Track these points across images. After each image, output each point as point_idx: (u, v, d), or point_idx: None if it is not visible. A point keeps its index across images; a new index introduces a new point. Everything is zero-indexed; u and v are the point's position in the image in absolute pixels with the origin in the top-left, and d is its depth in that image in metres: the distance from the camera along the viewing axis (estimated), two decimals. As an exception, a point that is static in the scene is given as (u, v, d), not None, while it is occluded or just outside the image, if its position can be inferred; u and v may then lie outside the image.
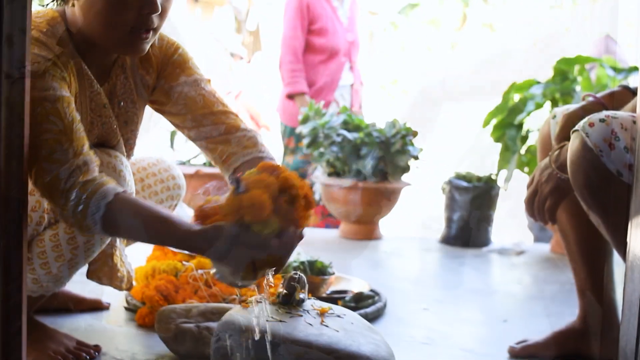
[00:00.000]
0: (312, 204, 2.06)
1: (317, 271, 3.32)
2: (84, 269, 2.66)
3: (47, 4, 2.41)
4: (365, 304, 3.23)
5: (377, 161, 4.81)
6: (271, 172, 2.03)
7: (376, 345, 2.20)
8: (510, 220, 7.17)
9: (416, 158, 4.88)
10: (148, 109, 2.64)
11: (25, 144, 1.83)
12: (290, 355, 2.08)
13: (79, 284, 3.16)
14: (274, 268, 2.05)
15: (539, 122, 4.84)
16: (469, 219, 4.86)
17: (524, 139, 4.91)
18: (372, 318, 3.17)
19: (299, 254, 2.32)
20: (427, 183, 6.31)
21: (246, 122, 2.59)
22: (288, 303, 2.27)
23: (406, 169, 4.89)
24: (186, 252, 2.22)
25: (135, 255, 3.62)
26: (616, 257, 2.63)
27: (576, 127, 2.17)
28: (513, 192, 5.38)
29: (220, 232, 1.96)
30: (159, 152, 5.25)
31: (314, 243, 3.55)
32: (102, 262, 2.70)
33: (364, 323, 2.33)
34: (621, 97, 2.49)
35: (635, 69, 4.72)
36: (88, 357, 2.56)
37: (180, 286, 3.05)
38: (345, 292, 3.34)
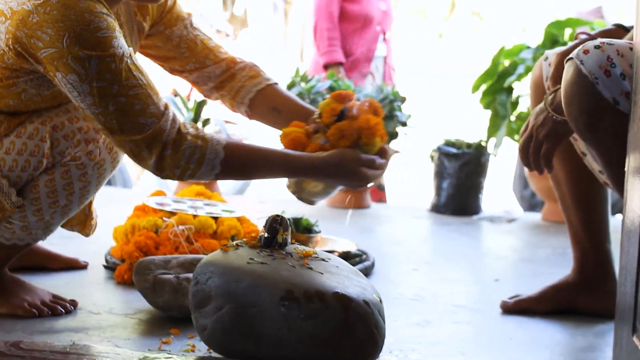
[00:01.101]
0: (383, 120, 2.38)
1: (302, 229, 3.22)
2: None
3: None
4: (352, 262, 3.13)
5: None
6: (346, 99, 2.36)
7: (363, 288, 2.10)
8: (500, 187, 7.10)
9: (404, 124, 4.77)
10: None
11: None
12: (273, 295, 1.98)
13: (57, 247, 3.08)
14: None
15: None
16: (458, 186, 4.75)
17: (514, 105, 4.81)
18: (360, 276, 3.08)
19: (284, 212, 2.26)
20: (416, 150, 6.24)
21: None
22: (270, 246, 2.17)
23: (394, 135, 4.77)
24: (316, 178, 2.36)
25: (115, 210, 3.53)
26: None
27: (570, 55, 2.07)
28: (503, 160, 5.30)
29: (343, 157, 2.26)
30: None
31: (299, 211, 3.46)
32: (80, 210, 2.62)
33: (349, 267, 2.24)
34: (616, 34, 2.39)
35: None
36: (64, 311, 2.50)
37: (160, 242, 2.96)
38: (331, 252, 3.23)
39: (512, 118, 4.80)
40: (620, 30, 2.44)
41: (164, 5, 2.58)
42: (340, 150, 2.27)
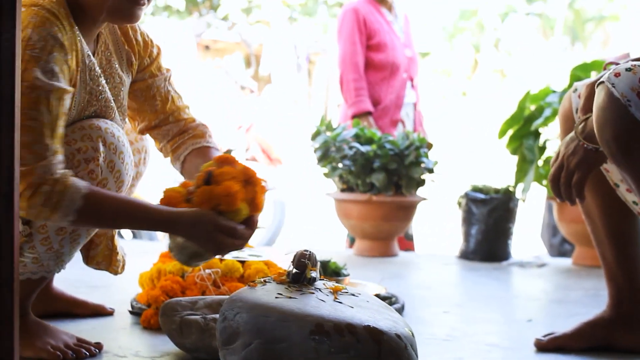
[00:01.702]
0: (265, 189, 2.30)
1: (330, 272, 3.18)
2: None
3: None
4: (382, 305, 3.08)
5: (391, 174, 4.68)
6: (229, 164, 2.28)
7: (394, 322, 2.05)
8: (530, 233, 7.03)
9: (431, 171, 4.74)
10: None
11: (17, 125, 1.74)
12: (302, 329, 1.93)
13: (83, 295, 3.05)
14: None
15: (556, 130, 4.71)
16: (487, 232, 4.70)
17: (542, 149, 4.78)
18: (390, 318, 3.02)
19: (312, 252, 2.23)
20: (442, 197, 6.20)
21: (258, 155, 2.69)
22: (298, 281, 2.13)
23: (421, 182, 4.75)
24: (162, 232, 2.36)
25: (141, 261, 3.50)
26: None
27: (601, 79, 2.03)
28: (532, 205, 5.24)
29: (200, 217, 2.19)
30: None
31: (327, 255, 3.41)
32: (103, 245, 2.64)
33: (380, 302, 2.19)
34: None
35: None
36: (88, 354, 2.44)
37: (187, 287, 2.91)
38: (359, 294, 3.18)
39: (540, 163, 4.76)
40: None
41: (150, 51, 2.60)
42: (199, 210, 2.20)
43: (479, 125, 17.55)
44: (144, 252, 4.36)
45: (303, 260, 2.14)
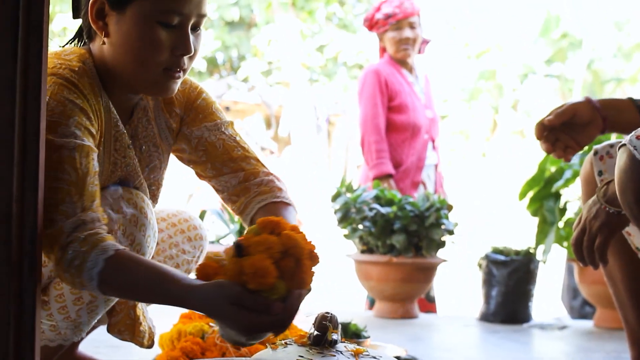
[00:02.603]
0: (317, 259, 1.98)
1: (351, 334, 3.18)
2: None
3: (71, 42, 2.38)
4: (403, 368, 3.07)
5: (411, 236, 4.68)
6: (271, 230, 1.96)
7: (415, 385, 2.04)
8: (551, 295, 6.98)
9: (451, 233, 4.74)
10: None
11: (40, 185, 1.76)
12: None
13: (104, 356, 3.05)
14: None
15: (577, 192, 4.71)
16: (507, 294, 4.69)
17: (562, 211, 4.77)
18: (411, 381, 3.02)
19: (333, 315, 2.22)
20: (463, 258, 6.18)
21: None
22: (319, 344, 2.12)
23: (441, 244, 4.75)
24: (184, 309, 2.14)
25: (162, 322, 3.49)
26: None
27: (623, 142, 2.04)
28: (552, 267, 5.21)
29: (221, 291, 1.89)
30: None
31: (348, 317, 3.41)
32: (124, 314, 2.55)
33: (401, 365, 2.18)
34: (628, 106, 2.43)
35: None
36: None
37: (207, 348, 2.90)
38: (380, 357, 3.17)
39: (561, 224, 4.75)
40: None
41: (187, 102, 2.48)
42: (218, 281, 1.91)
43: (499, 185, 17.56)
44: (166, 313, 4.35)
45: (324, 323, 2.13)
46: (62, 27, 19.17)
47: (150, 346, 2.62)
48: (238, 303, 1.87)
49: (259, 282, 1.86)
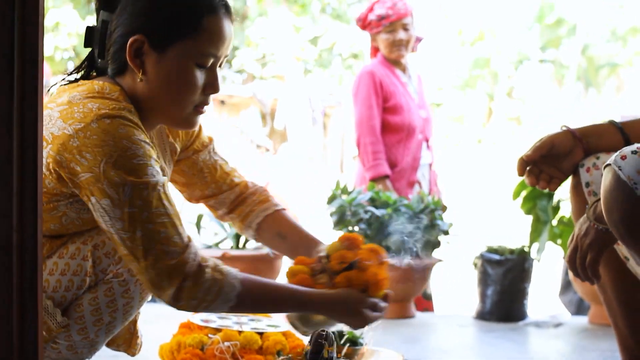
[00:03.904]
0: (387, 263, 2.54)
1: (347, 341, 3.21)
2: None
3: (77, 71, 2.45)
4: (399, 374, 3.11)
5: (406, 237, 4.72)
6: (358, 245, 2.52)
7: (410, 401, 2.09)
8: (545, 292, 7.03)
9: (446, 233, 4.79)
10: None
11: (39, 215, 1.79)
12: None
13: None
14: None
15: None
16: (503, 293, 4.73)
17: (556, 209, 4.81)
18: (408, 387, 3.06)
19: (329, 332, 2.38)
20: (458, 258, 6.22)
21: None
22: (316, 362, 2.18)
23: (436, 244, 4.79)
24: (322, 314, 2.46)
25: (160, 333, 3.54)
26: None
27: (608, 162, 2.09)
28: (547, 264, 5.26)
29: (351, 298, 2.39)
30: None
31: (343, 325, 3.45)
32: (125, 329, 2.64)
33: (396, 381, 2.23)
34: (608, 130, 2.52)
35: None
36: None
37: (206, 359, 2.96)
38: (377, 364, 3.22)
39: (554, 222, 4.79)
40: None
41: (192, 131, 2.65)
42: (349, 292, 2.39)
43: (495, 173, 17.58)
44: (164, 318, 4.40)
45: (320, 341, 2.19)
46: (54, 23, 19.18)
47: (137, 354, 2.75)
48: (364, 305, 2.39)
49: (376, 290, 2.43)
